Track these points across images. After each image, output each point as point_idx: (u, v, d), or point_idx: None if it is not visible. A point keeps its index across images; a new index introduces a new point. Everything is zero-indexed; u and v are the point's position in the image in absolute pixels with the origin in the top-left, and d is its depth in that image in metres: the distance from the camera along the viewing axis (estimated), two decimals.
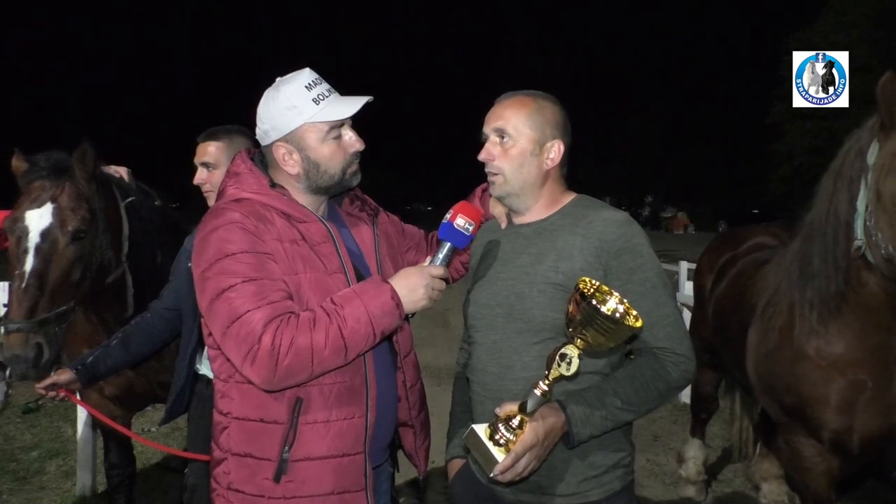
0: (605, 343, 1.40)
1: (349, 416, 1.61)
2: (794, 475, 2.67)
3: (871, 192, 2.15)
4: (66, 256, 2.49)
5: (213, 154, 2.43)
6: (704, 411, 4.19)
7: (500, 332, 1.66)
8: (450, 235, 1.67)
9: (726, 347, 3.30)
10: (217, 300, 1.51)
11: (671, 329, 1.59)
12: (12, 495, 4.12)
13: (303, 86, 1.67)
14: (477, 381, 1.72)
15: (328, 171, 1.70)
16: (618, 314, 1.37)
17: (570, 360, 1.42)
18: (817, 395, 2.42)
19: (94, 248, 2.61)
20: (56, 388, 2.44)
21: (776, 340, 2.58)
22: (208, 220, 1.62)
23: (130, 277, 2.87)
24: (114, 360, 2.57)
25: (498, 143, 1.68)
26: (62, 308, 2.47)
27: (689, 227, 36.02)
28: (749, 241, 3.67)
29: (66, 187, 2.55)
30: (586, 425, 1.50)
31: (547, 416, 1.47)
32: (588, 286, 1.41)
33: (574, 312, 1.40)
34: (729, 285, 3.41)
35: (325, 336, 1.48)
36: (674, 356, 1.58)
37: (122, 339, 2.61)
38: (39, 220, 2.49)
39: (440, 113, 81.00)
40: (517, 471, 1.44)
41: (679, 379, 1.59)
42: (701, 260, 4.08)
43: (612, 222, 1.61)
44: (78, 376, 2.47)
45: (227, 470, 1.63)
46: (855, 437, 2.39)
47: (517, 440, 1.43)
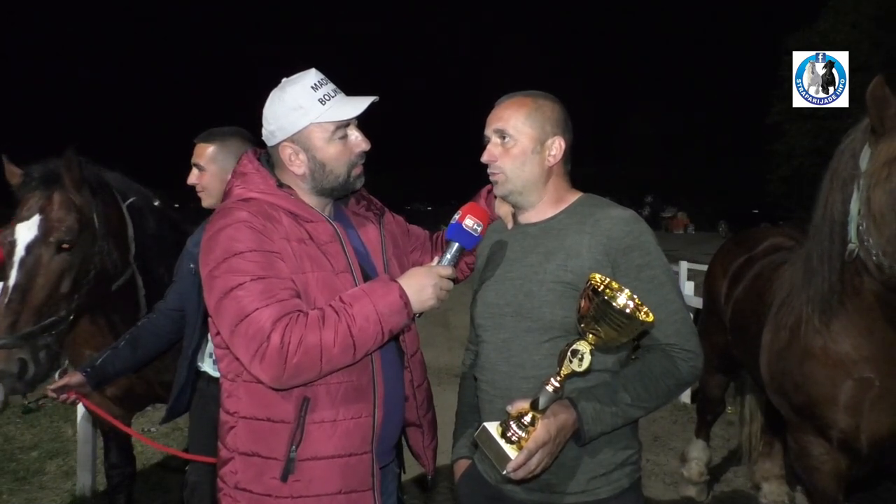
0: (618, 338, 1.42)
1: (356, 416, 1.61)
2: (803, 474, 2.68)
3: (863, 199, 2.16)
4: (51, 269, 2.46)
5: (204, 156, 2.45)
6: (710, 413, 4.19)
7: (510, 331, 1.66)
8: (458, 236, 1.68)
9: (745, 349, 3.29)
10: (225, 299, 1.51)
11: (679, 325, 1.60)
12: (12, 495, 4.12)
13: (309, 86, 1.67)
14: (486, 380, 1.72)
15: (334, 172, 1.70)
16: (628, 309, 1.38)
17: (581, 356, 1.43)
18: (825, 394, 2.42)
19: (89, 257, 2.58)
20: (66, 390, 2.45)
21: (786, 339, 2.59)
22: (216, 219, 1.62)
23: (140, 278, 2.87)
24: (123, 361, 2.57)
25: (499, 143, 1.70)
26: (50, 320, 2.44)
27: (689, 227, 36.02)
28: (764, 243, 3.66)
29: (55, 197, 2.53)
30: (597, 422, 1.51)
31: (558, 413, 1.48)
32: (599, 282, 1.42)
33: (586, 308, 1.41)
34: (747, 288, 3.40)
35: (334, 334, 1.48)
36: (683, 352, 1.59)
37: (129, 340, 2.60)
38: (27, 232, 2.48)
39: (440, 113, 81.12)
40: (530, 468, 1.44)
41: (688, 374, 1.60)
42: (713, 265, 4.04)
43: (619, 220, 1.62)
44: (87, 379, 2.47)
45: (235, 469, 1.63)
46: (863, 437, 2.39)
47: (529, 437, 1.44)
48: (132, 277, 2.84)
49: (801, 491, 4.11)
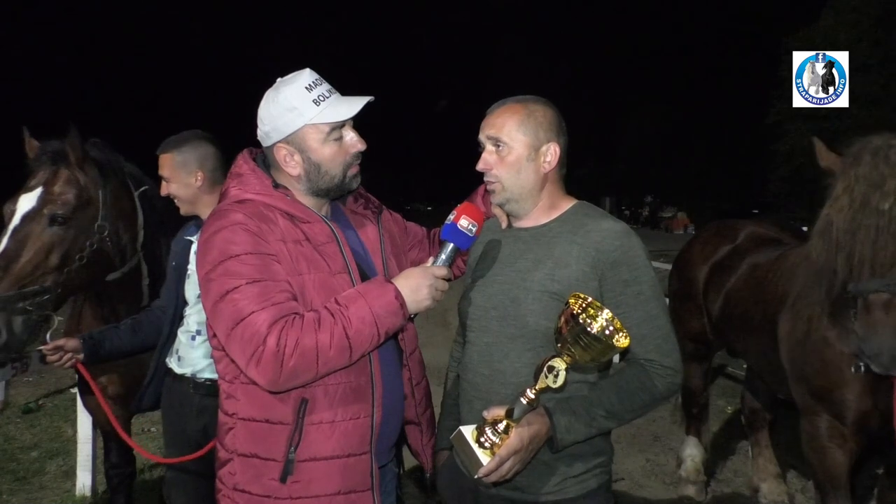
0: (592, 361, 1.44)
1: (355, 416, 1.61)
2: (813, 456, 2.81)
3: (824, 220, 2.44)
4: (41, 240, 2.52)
5: (166, 166, 2.48)
6: (695, 405, 4.21)
7: (493, 335, 1.67)
8: (453, 236, 1.68)
9: (746, 337, 3.44)
10: (221, 301, 1.51)
11: (661, 342, 1.62)
12: (12, 495, 4.12)
13: (303, 87, 1.67)
14: (467, 381, 1.74)
15: (329, 173, 1.70)
16: (607, 332, 1.39)
17: (557, 374, 1.44)
18: (844, 379, 2.58)
19: (85, 234, 2.62)
20: (61, 352, 2.49)
21: (804, 330, 2.77)
22: (212, 221, 1.62)
23: (146, 267, 2.90)
24: (120, 341, 2.61)
25: (494, 151, 1.70)
26: (32, 288, 2.48)
27: (689, 227, 36.07)
28: (742, 234, 3.82)
29: (60, 173, 2.62)
30: (570, 432, 1.54)
31: (533, 422, 1.51)
32: (579, 303, 1.43)
33: (563, 329, 1.42)
34: (744, 278, 3.52)
35: (329, 336, 1.48)
36: (661, 368, 1.61)
37: (131, 324, 2.66)
38: (27, 203, 2.56)
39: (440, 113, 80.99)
40: (501, 473, 1.47)
41: (664, 391, 1.63)
42: (689, 252, 4.15)
43: (610, 233, 1.62)
44: (83, 347, 2.52)
45: (233, 471, 1.63)
46: (877, 416, 2.55)
47: (503, 444, 1.46)
48: (138, 265, 2.87)
49: (800, 490, 4.12)
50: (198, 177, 2.45)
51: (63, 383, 6.34)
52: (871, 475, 3.49)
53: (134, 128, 23.42)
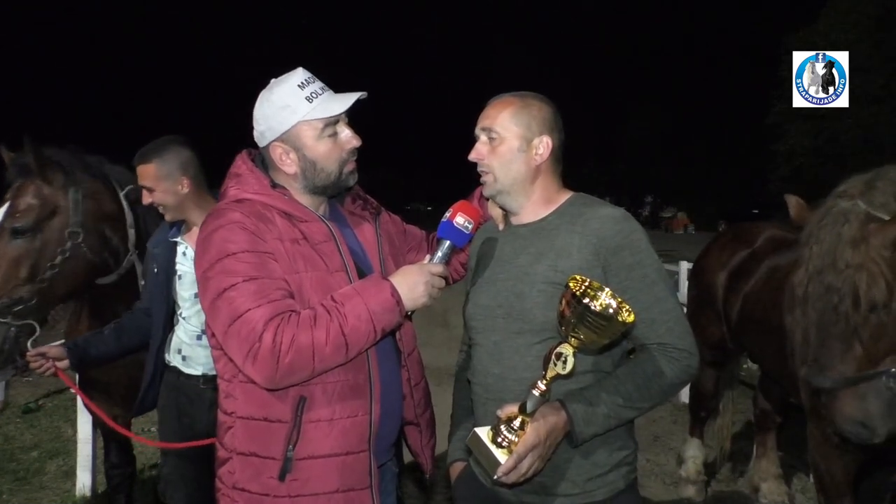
0: (599, 340, 1.40)
1: (353, 414, 1.61)
2: (820, 461, 2.78)
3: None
4: (9, 253, 2.56)
5: (148, 176, 2.46)
6: (704, 409, 4.20)
7: (501, 332, 1.66)
8: (449, 234, 1.68)
9: (763, 341, 3.38)
10: (218, 299, 1.52)
11: (672, 324, 1.58)
12: (12, 495, 4.12)
13: (296, 85, 1.68)
14: (479, 383, 1.72)
15: (325, 170, 1.70)
16: (610, 310, 1.38)
17: (565, 359, 1.42)
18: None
19: (54, 244, 2.63)
20: (45, 359, 2.50)
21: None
22: (210, 220, 1.62)
23: (140, 267, 2.89)
24: (106, 347, 2.62)
25: (486, 142, 1.70)
26: (3, 301, 2.51)
27: (689, 227, 36.07)
28: (762, 237, 3.72)
29: (24, 185, 2.64)
30: (589, 424, 1.50)
31: (548, 415, 1.47)
32: (578, 284, 1.41)
33: (566, 312, 1.40)
34: (763, 282, 3.45)
35: (325, 333, 1.49)
36: (675, 351, 1.57)
37: (115, 329, 2.66)
38: None
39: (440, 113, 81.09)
40: (520, 471, 1.44)
41: (681, 374, 1.58)
42: (707, 259, 4.08)
43: (609, 219, 1.61)
44: (69, 355, 2.53)
45: (232, 469, 1.63)
46: None
47: (519, 441, 1.43)
48: (132, 266, 2.87)
49: (800, 490, 4.12)
50: (184, 183, 2.44)
51: (63, 383, 6.31)
52: (883, 484, 3.46)
53: (134, 128, 23.45)
